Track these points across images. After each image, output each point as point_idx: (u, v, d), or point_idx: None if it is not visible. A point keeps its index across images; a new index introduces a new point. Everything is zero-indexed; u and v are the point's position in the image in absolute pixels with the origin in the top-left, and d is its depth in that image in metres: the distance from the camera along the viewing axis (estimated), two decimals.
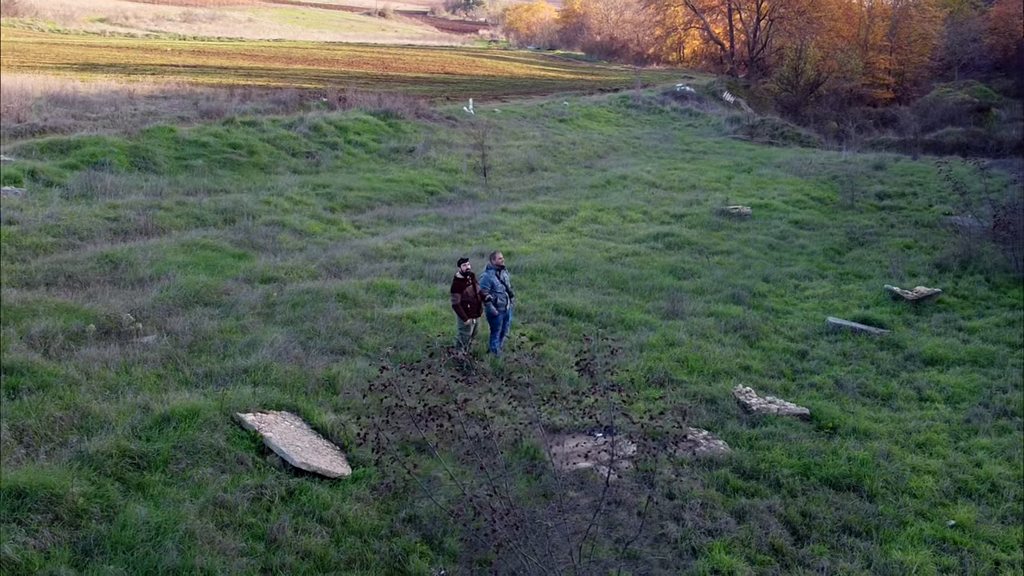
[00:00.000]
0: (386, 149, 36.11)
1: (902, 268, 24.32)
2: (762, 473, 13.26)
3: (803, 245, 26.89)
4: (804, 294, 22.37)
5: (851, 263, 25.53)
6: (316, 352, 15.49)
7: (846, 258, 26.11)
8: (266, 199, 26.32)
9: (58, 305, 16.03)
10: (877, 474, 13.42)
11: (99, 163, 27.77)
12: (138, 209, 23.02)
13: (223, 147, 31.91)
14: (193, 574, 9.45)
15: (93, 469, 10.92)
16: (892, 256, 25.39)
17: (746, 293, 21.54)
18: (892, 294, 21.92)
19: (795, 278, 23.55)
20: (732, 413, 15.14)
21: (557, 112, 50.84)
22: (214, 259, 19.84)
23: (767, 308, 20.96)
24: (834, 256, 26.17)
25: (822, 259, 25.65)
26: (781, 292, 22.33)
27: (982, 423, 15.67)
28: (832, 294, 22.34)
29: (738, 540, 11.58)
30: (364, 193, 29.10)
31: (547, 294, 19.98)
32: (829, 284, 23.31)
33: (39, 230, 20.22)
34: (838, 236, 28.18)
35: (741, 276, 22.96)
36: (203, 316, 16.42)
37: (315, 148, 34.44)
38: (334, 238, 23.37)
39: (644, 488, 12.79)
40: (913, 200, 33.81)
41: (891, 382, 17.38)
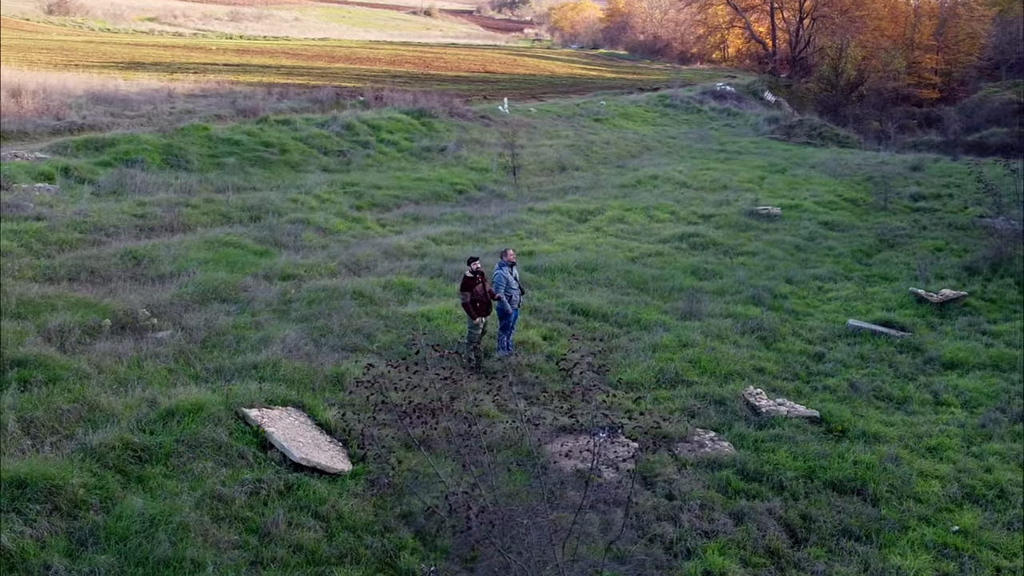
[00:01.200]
0: (418, 148, 36.31)
1: (930, 271, 24.02)
2: (765, 475, 13.21)
3: (831, 247, 26.66)
4: (827, 296, 22.19)
5: (879, 265, 25.27)
6: (327, 349, 15.66)
7: (874, 260, 25.84)
8: (294, 197, 26.60)
9: (78, 300, 16.33)
10: (882, 478, 13.32)
11: (132, 161, 28.20)
12: (165, 206, 23.38)
13: (255, 145, 32.29)
14: (184, 565, 9.60)
15: (95, 461, 11.12)
16: (921, 258, 25.09)
17: (767, 294, 21.41)
18: (916, 297, 21.68)
19: (819, 280, 23.36)
20: (741, 415, 15.09)
21: (593, 111, 50.78)
22: (236, 256, 20.10)
23: (787, 310, 20.83)
24: (862, 258, 25.92)
25: (849, 261, 25.42)
26: (803, 294, 22.17)
27: (997, 428, 15.48)
28: (856, 296, 22.13)
29: (734, 542, 11.55)
30: (392, 191, 29.30)
31: (565, 293, 20.02)
32: (854, 286, 23.10)
33: (66, 226, 20.61)
34: (868, 238, 27.90)
35: (764, 277, 22.82)
36: (219, 312, 16.66)
37: (347, 147, 34.72)
38: (357, 236, 23.57)
39: (643, 489, 12.83)
40: (948, 202, 33.36)
41: (907, 386, 17.22)
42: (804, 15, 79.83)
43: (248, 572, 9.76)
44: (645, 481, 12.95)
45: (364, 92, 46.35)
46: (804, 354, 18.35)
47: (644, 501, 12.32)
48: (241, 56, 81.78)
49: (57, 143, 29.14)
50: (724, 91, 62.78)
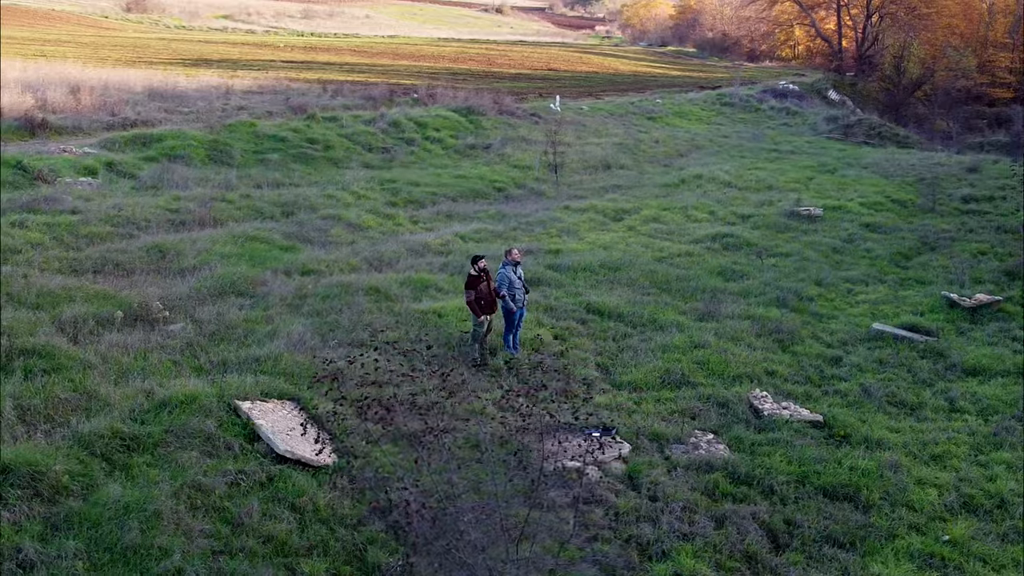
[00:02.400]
0: (462, 145, 36.51)
1: (968, 274, 23.49)
2: (756, 479, 13.11)
3: (869, 249, 26.21)
4: (856, 299, 21.84)
5: (916, 268, 24.79)
6: (334, 344, 15.86)
7: (912, 263, 25.35)
8: (330, 193, 26.96)
9: (97, 292, 16.78)
10: (877, 485, 13.15)
11: (177, 156, 28.85)
12: (200, 201, 23.86)
13: (300, 142, 32.77)
14: (151, 552, 9.85)
15: (84, 449, 11.45)
16: (960, 262, 24.54)
17: (792, 296, 21.14)
18: (948, 301, 21.23)
19: (850, 282, 23.00)
20: (742, 417, 14.97)
21: (647, 109, 50.53)
22: (261, 251, 20.45)
23: (812, 312, 20.56)
24: (900, 260, 25.43)
25: (885, 263, 24.96)
26: (832, 296, 21.85)
27: (1010, 437, 15.16)
28: (886, 299, 21.75)
29: (711, 545, 11.49)
30: (430, 189, 29.51)
31: (583, 292, 20.00)
32: (886, 289, 22.70)
33: (99, 220, 21.17)
34: (909, 240, 27.36)
35: (792, 279, 22.54)
36: (232, 306, 16.98)
37: (391, 143, 35.06)
38: (387, 232, 23.81)
39: (627, 489, 12.81)
40: (1000, 204, 32.53)
41: (923, 392, 16.92)
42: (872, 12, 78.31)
43: (215, 561, 9.95)
44: (632, 481, 12.92)
45: (418, 90, 46.68)
46: (821, 357, 18.11)
47: (626, 502, 12.29)
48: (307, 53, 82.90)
49: (106, 138, 29.91)
50: (786, 89, 61.94)
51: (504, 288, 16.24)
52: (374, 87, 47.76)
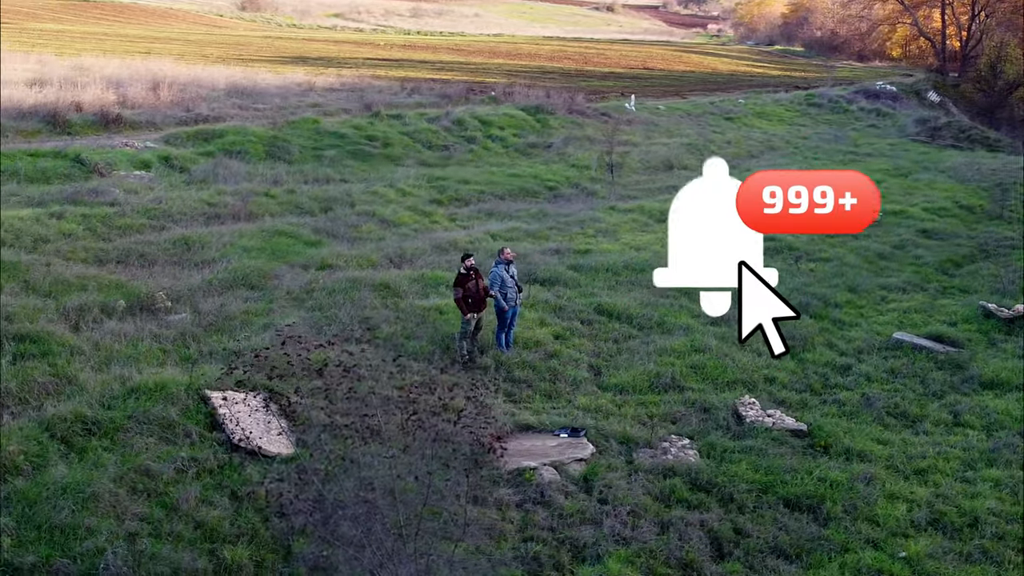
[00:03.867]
0: (523, 144, 36.64)
1: (1017, 284, 22.62)
2: (718, 486, 12.93)
3: (918, 255, 25.43)
4: (887, 306, 21.25)
5: (963, 276, 23.97)
6: (327, 337, 16.12)
7: (961, 271, 24.52)
8: (376, 189, 27.38)
9: (110, 281, 17.46)
10: (843, 497, 12.85)
11: (235, 151, 29.67)
12: (242, 195, 24.52)
13: (360, 138, 33.36)
14: (78, 532, 10.25)
15: (45, 431, 11.97)
16: (1012, 271, 23.64)
17: (817, 303, 20.69)
18: (985, 311, 20.48)
19: (887, 289, 22.37)
20: (722, 423, 14.77)
21: (726, 110, 49.81)
22: (284, 245, 20.94)
23: (833, 319, 20.09)
24: (948, 268, 24.62)
25: (931, 271, 24.21)
26: (862, 304, 21.31)
27: (1007, 454, 14.60)
28: (919, 308, 21.10)
29: (647, 550, 11.38)
30: (479, 187, 29.71)
31: (598, 293, 19.93)
32: (924, 297, 22.03)
33: (136, 212, 21.97)
34: (965, 247, 26.45)
35: (824, 285, 22.04)
36: (238, 298, 17.45)
37: (452, 141, 35.39)
38: (420, 229, 24.09)
39: (579, 491, 12.77)
40: None
41: (930, 404, 16.42)
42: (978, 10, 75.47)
43: (139, 543, 10.29)
44: (586, 484, 12.87)
45: (495, 88, 47.02)
46: (829, 365, 17.71)
47: (573, 504, 12.26)
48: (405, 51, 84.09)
49: (170, 133, 30.96)
50: (880, 90, 60.24)
51: (496, 287, 16.33)
52: (451, 85, 48.22)
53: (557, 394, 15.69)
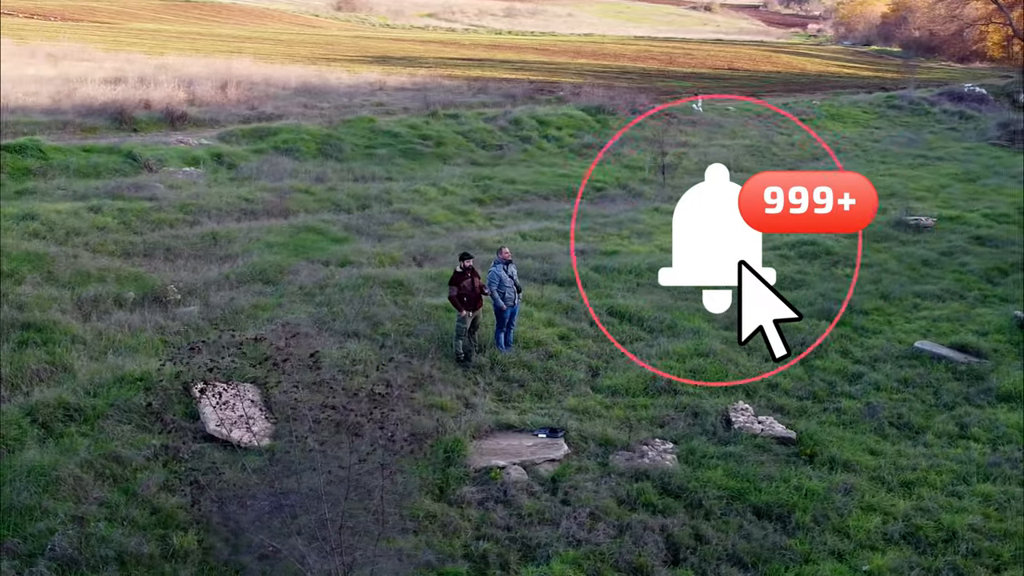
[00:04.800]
0: (578, 144, 36.61)
1: None
2: (688, 491, 12.80)
3: (965, 263, 24.64)
4: (917, 315, 20.67)
5: (1008, 285, 23.13)
6: (328, 333, 16.46)
7: (1007, 280, 23.66)
8: (418, 188, 27.68)
9: (129, 274, 18.06)
10: (816, 507, 12.60)
11: (287, 149, 30.34)
12: (280, 192, 25.05)
13: (413, 137, 33.76)
14: (33, 513, 10.67)
15: (27, 416, 12.48)
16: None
17: (845, 310, 20.25)
18: (1019, 321, 19.81)
19: (922, 297, 21.75)
20: (709, 429, 14.60)
21: (799, 111, 48.87)
22: (310, 241, 21.34)
23: (857, 326, 19.64)
24: (994, 276, 23.80)
25: (975, 279, 23.44)
26: (892, 311, 20.77)
27: (1007, 469, 14.14)
28: (951, 316, 20.47)
29: (597, 553, 11.34)
30: (524, 186, 29.80)
31: (615, 295, 19.86)
32: (960, 306, 21.35)
33: (172, 207, 22.63)
34: (1017, 255, 25.53)
35: (855, 291, 21.53)
36: (250, 292, 17.87)
37: (507, 141, 35.56)
38: (452, 228, 24.29)
39: (544, 491, 12.78)
40: None
41: (937, 415, 15.99)
42: None
43: (91, 526, 10.65)
44: (553, 484, 12.88)
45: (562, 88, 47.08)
46: (839, 373, 17.35)
47: (534, 504, 12.29)
48: (489, 51, 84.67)
49: (227, 131, 31.80)
50: (968, 92, 58.43)
51: (493, 287, 16.42)
52: (518, 85, 48.40)
53: (549, 395, 15.72)
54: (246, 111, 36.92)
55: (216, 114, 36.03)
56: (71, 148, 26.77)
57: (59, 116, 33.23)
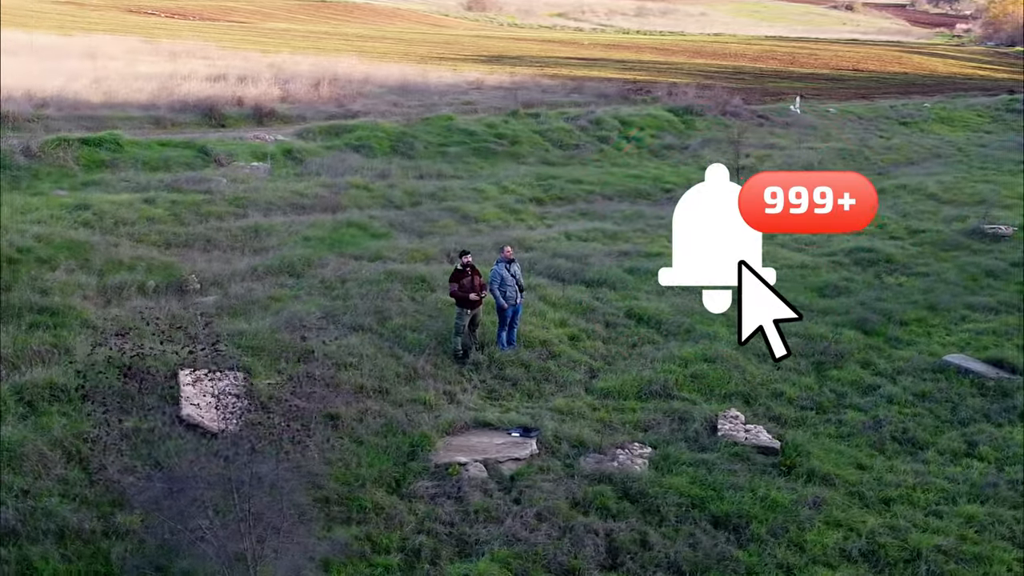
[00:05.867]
0: (658, 145, 36.24)
1: None
2: (648, 497, 12.65)
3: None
4: (962, 327, 19.82)
5: None
6: (334, 326, 16.81)
7: None
8: (478, 186, 27.91)
9: (161, 263, 18.82)
10: (777, 519, 12.30)
11: (361, 146, 31.00)
12: (336, 188, 25.62)
13: (488, 136, 34.01)
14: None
15: (15, 394, 13.18)
16: None
17: (881, 319, 19.61)
18: None
19: (972, 309, 20.80)
20: (691, 435, 14.39)
21: (904, 114, 47.32)
22: (348, 236, 21.77)
23: (890, 337, 18.98)
24: None
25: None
26: (935, 322, 19.96)
27: (1003, 490, 13.53)
28: (997, 331, 19.53)
29: (532, 553, 11.33)
30: (589, 187, 29.71)
31: (640, 297, 19.70)
32: (1014, 319, 20.36)
33: (225, 200, 23.42)
34: None
35: (901, 301, 20.80)
36: (271, 284, 18.39)
37: (584, 141, 35.48)
38: (498, 227, 24.42)
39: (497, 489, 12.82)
40: None
41: (947, 431, 15.39)
42: None
43: (45, 501, 11.20)
44: (511, 483, 12.90)
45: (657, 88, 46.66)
46: (854, 384, 16.83)
47: (483, 502, 12.33)
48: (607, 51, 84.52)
49: (306, 128, 32.69)
50: None
51: (495, 285, 16.52)
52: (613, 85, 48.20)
53: (540, 395, 15.74)
54: (334, 108, 37.84)
55: (304, 111, 37.05)
56: (148, 142, 27.97)
57: (153, 112, 34.72)
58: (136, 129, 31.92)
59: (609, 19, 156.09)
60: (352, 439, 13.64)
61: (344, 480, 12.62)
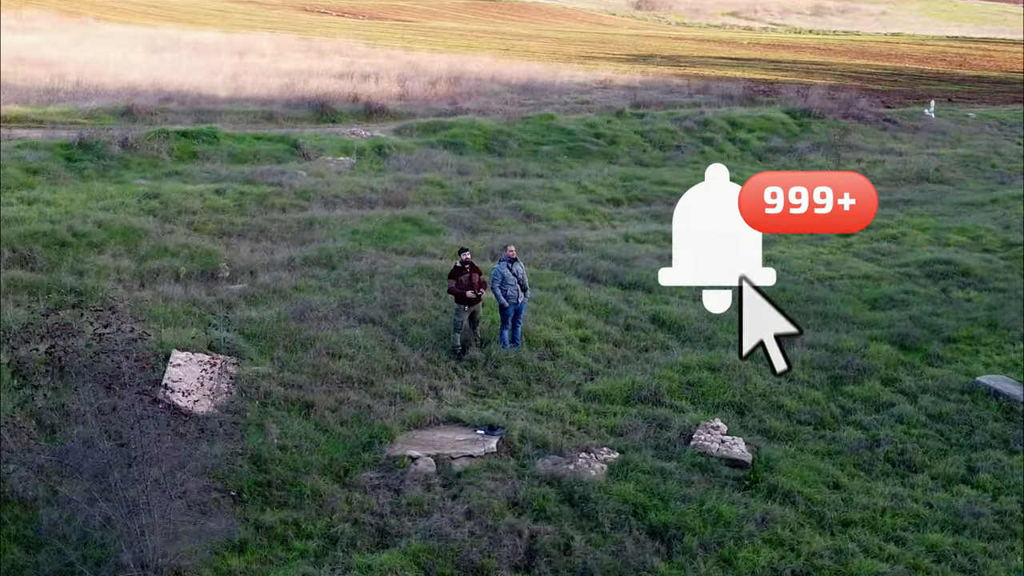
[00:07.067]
0: (762, 148, 35.25)
1: None
2: (589, 502, 12.54)
3: None
4: (1017, 348, 18.61)
5: None
6: (346, 317, 17.27)
7: None
8: (555, 185, 27.92)
9: (205, 251, 19.74)
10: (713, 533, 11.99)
11: (454, 143, 31.48)
12: (408, 184, 26.13)
13: (586, 136, 33.90)
14: None
15: (9, 365, 14.15)
16: None
17: (924, 333, 18.65)
18: None
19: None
20: (663, 443, 14.13)
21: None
22: (399, 231, 22.18)
23: (930, 354, 18.03)
24: None
25: None
26: (988, 341, 18.78)
27: (986, 521, 12.80)
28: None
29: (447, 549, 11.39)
30: (673, 188, 29.10)
31: (670, 300, 19.38)
32: None
33: (292, 193, 24.28)
34: None
35: (958, 317, 19.68)
36: (301, 275, 19.02)
37: (687, 142, 34.90)
38: (558, 226, 24.38)
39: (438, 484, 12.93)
40: None
41: (951, 456, 14.59)
42: None
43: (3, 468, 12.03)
44: (457, 479, 12.99)
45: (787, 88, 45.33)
46: (867, 401, 16.10)
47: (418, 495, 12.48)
48: (764, 51, 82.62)
49: (406, 124, 33.43)
50: None
51: (496, 283, 16.60)
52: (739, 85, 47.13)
53: (529, 394, 15.74)
54: (446, 106, 38.51)
55: (416, 108, 37.86)
56: (243, 135, 29.25)
57: (268, 106, 36.23)
58: (247, 123, 33.43)
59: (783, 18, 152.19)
60: (319, 427, 14.02)
61: (292, 466, 13.00)
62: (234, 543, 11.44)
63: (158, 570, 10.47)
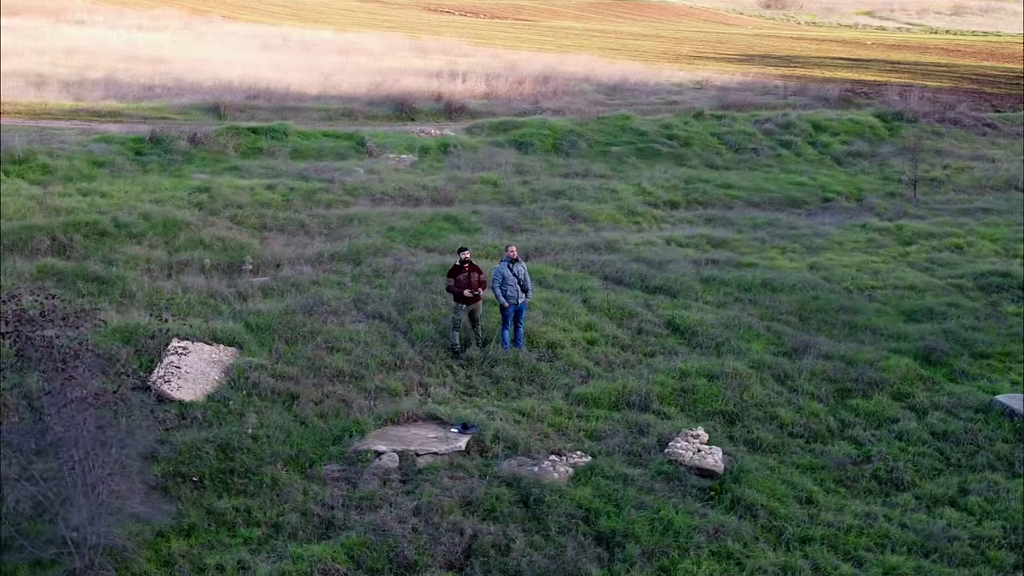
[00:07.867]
0: (843, 152, 34.16)
1: None
2: (543, 505, 12.49)
3: None
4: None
5: None
6: (356, 312, 17.59)
7: None
8: (612, 186, 27.72)
9: (238, 244, 20.35)
10: (661, 542, 11.81)
11: (523, 143, 31.58)
12: (460, 182, 26.35)
13: (659, 137, 33.53)
14: None
15: None
16: None
17: (956, 348, 17.93)
18: None
19: None
20: (636, 449, 13.97)
21: None
22: (437, 229, 22.41)
23: (954, 370, 17.33)
24: None
25: None
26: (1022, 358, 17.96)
27: (960, 545, 12.29)
28: None
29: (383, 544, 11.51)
30: (738, 193, 28.64)
31: (691, 305, 19.08)
32: None
33: (342, 189, 24.76)
34: None
35: (998, 332, 18.83)
36: (325, 270, 19.42)
37: (764, 144, 34.13)
38: (602, 228, 24.20)
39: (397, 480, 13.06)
40: None
41: (944, 476, 14.06)
42: None
43: None
44: (417, 476, 13.09)
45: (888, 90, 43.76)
46: (870, 415, 15.56)
47: (371, 489, 12.62)
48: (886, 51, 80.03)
49: (476, 123, 33.69)
50: None
51: (496, 284, 16.64)
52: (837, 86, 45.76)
53: (520, 395, 15.73)
54: (526, 106, 38.63)
55: (496, 107, 38.11)
56: (312, 132, 29.97)
57: (351, 104, 37.00)
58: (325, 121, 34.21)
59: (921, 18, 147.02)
60: (298, 419, 14.32)
61: (259, 455, 13.31)
62: (183, 527, 11.78)
63: (94, 548, 10.88)
